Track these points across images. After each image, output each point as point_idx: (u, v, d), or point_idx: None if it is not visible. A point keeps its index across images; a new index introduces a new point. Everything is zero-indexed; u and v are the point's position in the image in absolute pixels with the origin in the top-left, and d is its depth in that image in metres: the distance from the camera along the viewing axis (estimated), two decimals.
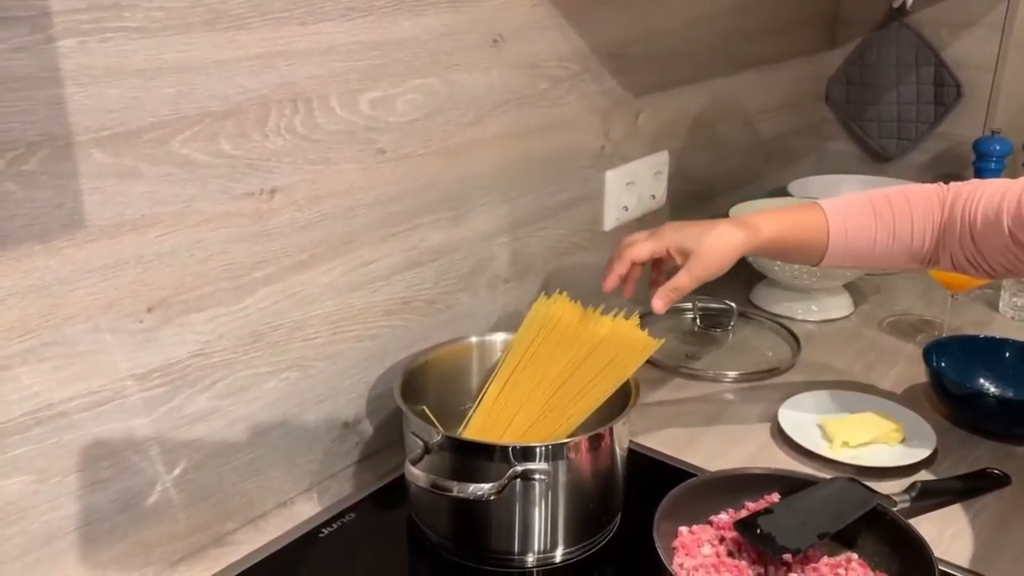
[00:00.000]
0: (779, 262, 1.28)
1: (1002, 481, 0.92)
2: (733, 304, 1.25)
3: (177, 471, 0.78)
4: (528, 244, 1.12)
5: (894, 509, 0.82)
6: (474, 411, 0.90)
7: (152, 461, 0.76)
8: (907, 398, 1.08)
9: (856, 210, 0.91)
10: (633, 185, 1.28)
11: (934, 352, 1.06)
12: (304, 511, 0.88)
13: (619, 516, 0.87)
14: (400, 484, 0.88)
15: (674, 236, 0.90)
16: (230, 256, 0.77)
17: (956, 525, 0.86)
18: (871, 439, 0.97)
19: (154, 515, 0.78)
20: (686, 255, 0.89)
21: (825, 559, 0.78)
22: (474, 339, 0.96)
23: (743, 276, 1.40)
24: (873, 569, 0.77)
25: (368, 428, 0.97)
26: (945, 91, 1.63)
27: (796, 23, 1.64)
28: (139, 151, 0.68)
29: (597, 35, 1.12)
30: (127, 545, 0.76)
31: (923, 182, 0.90)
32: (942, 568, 0.79)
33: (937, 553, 0.80)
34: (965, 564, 0.81)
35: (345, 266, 0.88)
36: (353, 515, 0.88)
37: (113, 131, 0.66)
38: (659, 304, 0.88)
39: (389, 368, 0.95)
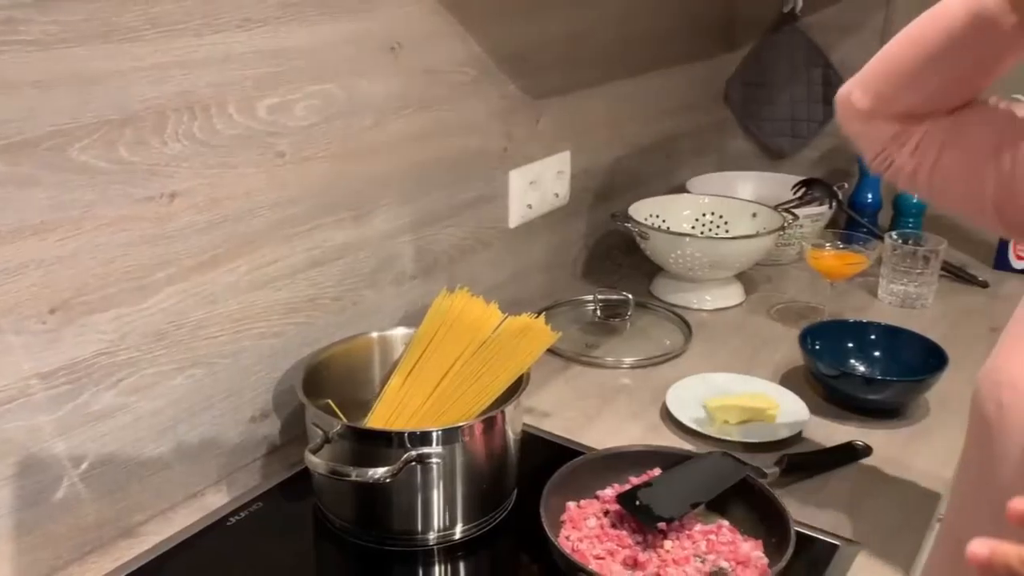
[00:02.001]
0: (674, 254, 1.36)
1: (865, 452, 1.00)
2: (630, 295, 1.32)
3: (84, 466, 0.81)
4: (433, 242, 1.17)
5: (764, 480, 0.90)
6: (377, 403, 0.95)
7: (58, 457, 0.79)
8: (786, 379, 1.17)
9: None
10: (536, 184, 1.35)
11: (809, 336, 1.15)
12: (213, 502, 0.92)
13: (514, 494, 0.93)
14: (306, 474, 0.93)
15: None
16: (132, 258, 0.80)
17: (822, 493, 0.94)
18: (749, 417, 1.05)
19: (62, 509, 0.80)
20: None
21: (698, 526, 0.85)
22: (375, 335, 1.00)
23: (645, 268, 1.47)
24: (742, 535, 0.85)
25: (276, 422, 1.00)
26: (834, 91, 1.73)
27: (695, 27, 1.73)
28: (37, 159, 0.71)
29: (495, 41, 1.17)
30: (35, 539, 0.79)
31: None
32: (806, 532, 0.87)
33: (803, 519, 0.88)
34: (828, 528, 0.89)
35: (247, 266, 0.91)
36: (260, 504, 0.92)
37: (10, 140, 0.69)
38: None
39: (295, 364, 0.99)
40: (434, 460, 0.83)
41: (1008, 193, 0.74)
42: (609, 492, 0.90)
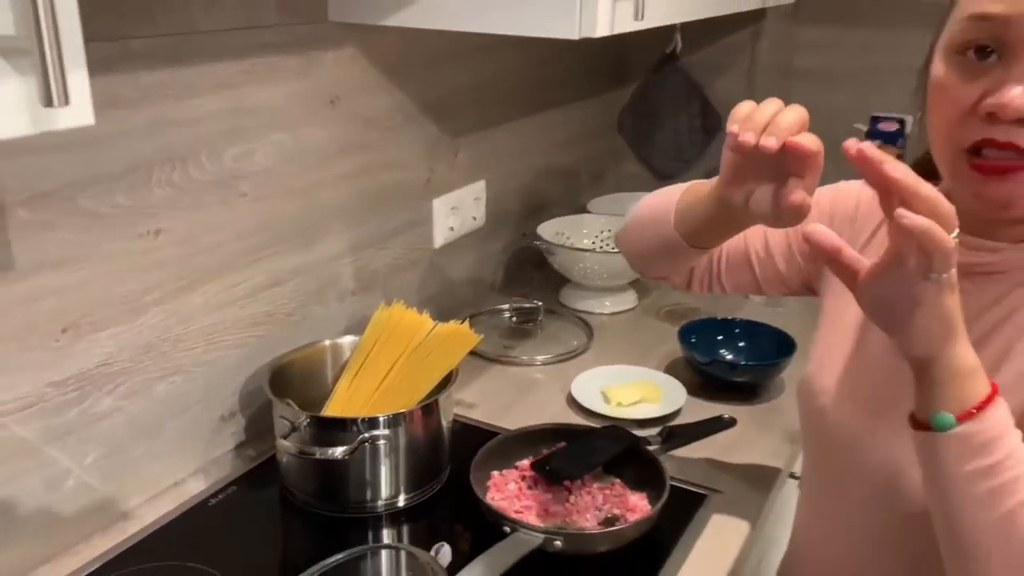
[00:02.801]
0: (577, 267, 1.58)
1: (730, 424, 1.23)
2: (541, 303, 1.54)
3: (89, 460, 0.98)
4: (370, 262, 1.36)
5: (649, 447, 1.12)
6: (331, 399, 1.14)
7: (69, 452, 0.95)
8: (669, 368, 1.40)
9: None
10: (457, 210, 1.55)
11: (687, 332, 1.39)
12: (194, 488, 1.09)
13: (448, 469, 1.12)
14: (271, 462, 1.12)
15: None
16: (126, 284, 0.97)
17: (696, 455, 1.17)
18: (639, 399, 1.27)
19: (71, 497, 0.96)
20: None
21: (596, 484, 1.07)
22: (327, 342, 1.19)
23: (553, 279, 1.69)
24: (631, 489, 1.06)
25: (241, 420, 1.18)
26: (710, 121, 2.00)
27: (589, 67, 1.96)
28: (54, 207, 0.88)
29: (416, 91, 1.38)
30: (51, 522, 0.95)
31: None
32: (682, 486, 1.09)
33: (680, 476, 1.10)
34: (699, 482, 1.11)
35: (217, 288, 1.09)
36: (235, 488, 1.09)
37: (33, 192, 0.86)
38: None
39: (257, 370, 1.17)
40: (382, 440, 1.02)
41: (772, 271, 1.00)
42: (525, 462, 1.10)
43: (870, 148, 0.63)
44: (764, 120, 0.70)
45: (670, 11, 1.22)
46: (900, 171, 0.62)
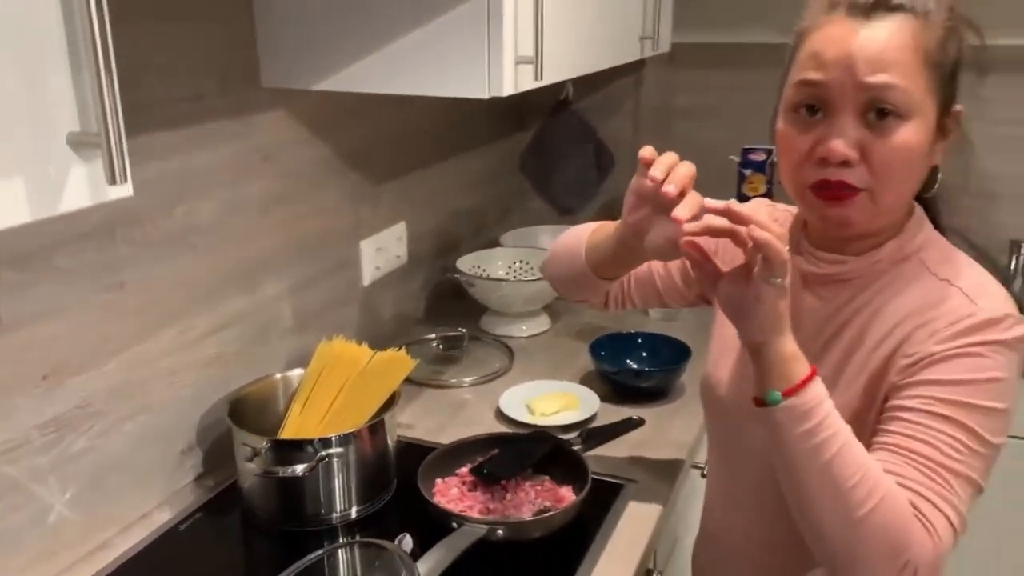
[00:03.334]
0: (498, 293, 1.74)
1: (639, 423, 1.41)
2: (465, 331, 1.68)
3: (68, 496, 1.07)
4: (306, 302, 1.48)
5: (572, 448, 1.28)
6: (284, 425, 1.25)
7: (50, 490, 1.04)
8: (584, 379, 1.57)
9: None
10: (382, 250, 1.69)
11: (597, 347, 1.56)
12: (160, 518, 1.18)
13: (395, 481, 1.25)
14: (230, 489, 1.23)
15: None
16: (97, 332, 1.08)
17: (611, 452, 1.34)
18: (559, 408, 1.43)
19: (54, 531, 1.05)
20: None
21: (529, 482, 1.22)
22: (278, 375, 1.31)
23: (474, 308, 1.84)
24: (559, 484, 1.22)
25: (199, 453, 1.28)
26: (604, 159, 2.21)
27: (492, 114, 2.14)
28: (35, 266, 0.98)
29: (340, 144, 1.52)
30: (36, 556, 1.03)
31: None
32: (601, 478, 1.24)
33: (599, 470, 1.26)
34: (616, 474, 1.27)
35: (174, 333, 1.20)
36: (200, 514, 1.19)
37: (15, 253, 0.96)
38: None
39: (212, 406, 1.28)
40: (336, 458, 1.15)
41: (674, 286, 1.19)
42: (464, 469, 1.24)
43: (716, 205, 0.83)
44: (666, 170, 0.88)
45: (564, 69, 1.40)
46: (745, 208, 0.82)
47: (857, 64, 0.83)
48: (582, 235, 1.11)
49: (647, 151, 0.90)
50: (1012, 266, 2.05)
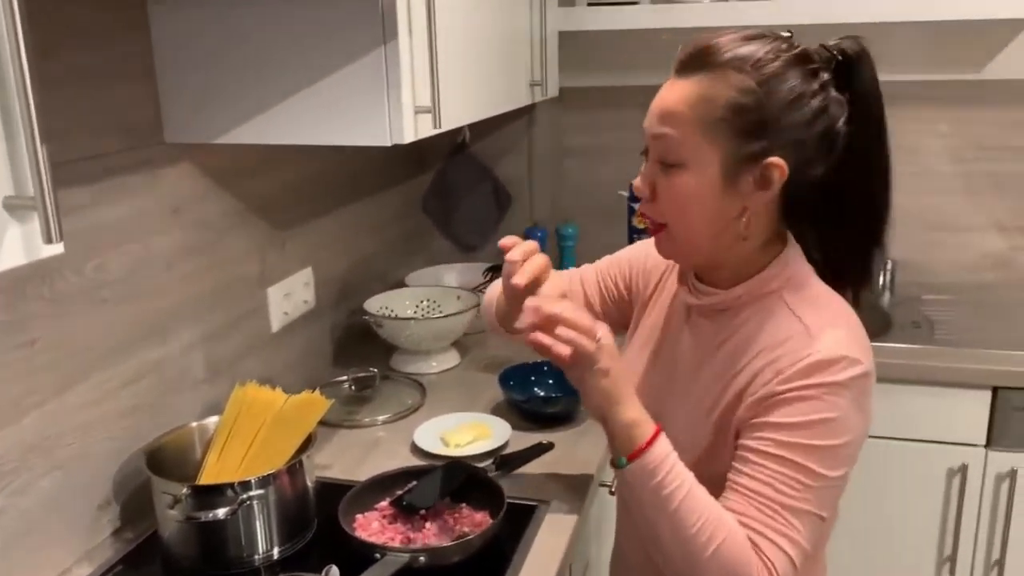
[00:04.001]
0: (407, 332, 1.79)
1: (549, 448, 1.48)
2: (376, 370, 1.73)
3: None
4: (217, 351, 1.50)
5: (487, 475, 1.34)
6: (202, 473, 1.27)
7: None
8: (495, 410, 1.63)
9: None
10: (289, 295, 1.72)
11: (505, 377, 1.63)
12: (81, 573, 1.18)
13: (315, 520, 1.28)
14: (149, 541, 1.24)
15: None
16: (12, 388, 1.08)
17: (525, 475, 1.40)
18: (473, 438, 1.49)
19: None
20: None
21: (447, 510, 1.27)
22: (194, 424, 1.32)
23: (383, 348, 1.89)
24: (476, 510, 1.27)
25: (116, 507, 1.28)
26: (502, 198, 2.30)
27: (393, 158, 2.20)
28: None
29: (246, 193, 1.55)
30: None
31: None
32: (514, 502, 1.30)
33: (514, 494, 1.32)
34: (529, 496, 1.34)
35: (89, 387, 1.21)
36: (121, 567, 1.19)
37: None
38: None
39: (128, 458, 1.28)
40: (256, 500, 1.17)
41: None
42: (384, 503, 1.28)
43: (536, 312, 0.94)
44: (522, 256, 1.00)
45: (461, 116, 1.49)
46: (557, 308, 0.94)
47: (651, 116, 0.97)
48: (493, 292, 1.26)
49: (507, 240, 1.02)
50: (881, 282, 2.24)
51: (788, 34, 0.96)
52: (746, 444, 0.95)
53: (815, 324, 0.95)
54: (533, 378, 1.67)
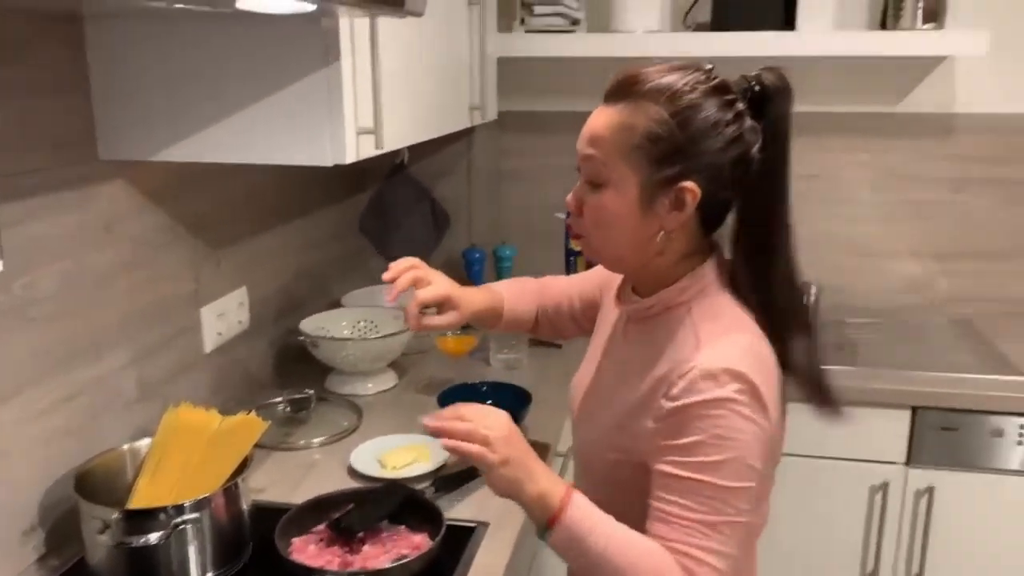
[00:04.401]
0: (343, 353, 1.78)
1: None
2: (312, 392, 1.71)
3: None
4: (150, 371, 1.47)
5: (425, 496, 1.33)
6: (132, 497, 1.24)
7: None
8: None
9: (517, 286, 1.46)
10: (224, 315, 1.70)
11: (444, 398, 1.63)
12: None
13: (250, 544, 1.26)
14: (78, 566, 1.20)
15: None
16: None
17: (465, 497, 1.40)
18: (411, 460, 1.49)
19: None
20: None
21: (386, 533, 1.26)
22: (126, 446, 1.29)
23: (320, 369, 1.87)
24: (415, 532, 1.27)
25: (42, 533, 1.24)
26: (440, 219, 2.31)
27: (330, 177, 2.19)
28: None
29: (180, 209, 1.53)
30: None
31: None
32: (453, 523, 1.30)
33: (452, 515, 1.32)
34: (468, 518, 1.34)
35: (14, 408, 1.17)
36: None
37: None
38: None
39: (55, 483, 1.24)
40: (190, 524, 1.15)
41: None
42: (320, 526, 1.27)
43: (427, 428, 1.05)
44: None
45: (402, 137, 1.50)
46: (437, 422, 1.04)
47: (581, 139, 1.05)
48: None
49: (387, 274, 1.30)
50: None
51: (710, 66, 1.02)
52: (656, 468, 1.00)
53: (705, 337, 1.00)
54: (472, 398, 1.67)
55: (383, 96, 1.31)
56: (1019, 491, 1.92)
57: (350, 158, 1.28)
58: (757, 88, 1.01)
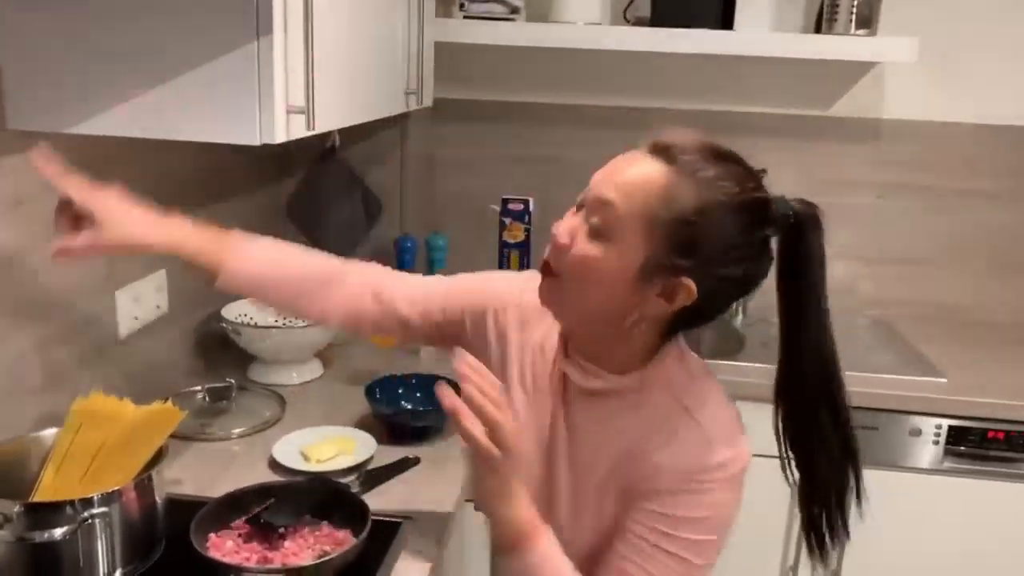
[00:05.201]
0: (267, 341, 1.72)
1: (415, 462, 1.45)
2: (233, 381, 1.64)
3: None
4: (58, 358, 1.39)
5: (350, 490, 1.29)
6: (36, 489, 1.16)
7: None
8: (361, 423, 1.59)
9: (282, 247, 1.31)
10: (140, 300, 1.61)
11: (373, 389, 1.59)
12: None
13: (163, 540, 1.20)
14: None
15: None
16: None
17: (391, 492, 1.37)
18: (335, 453, 1.44)
19: None
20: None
21: (308, 528, 1.21)
22: (29, 436, 1.21)
23: (241, 357, 1.80)
24: (338, 528, 1.22)
25: None
26: (372, 206, 2.25)
27: (255, 160, 2.12)
28: None
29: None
30: None
31: None
32: (378, 518, 1.25)
33: (379, 510, 1.28)
34: (394, 512, 1.30)
35: None
36: None
37: None
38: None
39: None
40: (98, 519, 1.08)
41: None
42: (239, 521, 1.22)
43: (452, 398, 0.94)
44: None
45: (335, 118, 1.44)
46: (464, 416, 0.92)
47: (606, 179, 0.93)
48: None
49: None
50: (734, 306, 2.34)
51: (762, 171, 0.98)
52: (630, 527, 0.98)
53: (709, 420, 0.99)
54: (401, 391, 1.64)
55: (317, 74, 1.26)
56: (934, 489, 1.98)
57: (279, 137, 1.23)
58: (792, 220, 0.98)
